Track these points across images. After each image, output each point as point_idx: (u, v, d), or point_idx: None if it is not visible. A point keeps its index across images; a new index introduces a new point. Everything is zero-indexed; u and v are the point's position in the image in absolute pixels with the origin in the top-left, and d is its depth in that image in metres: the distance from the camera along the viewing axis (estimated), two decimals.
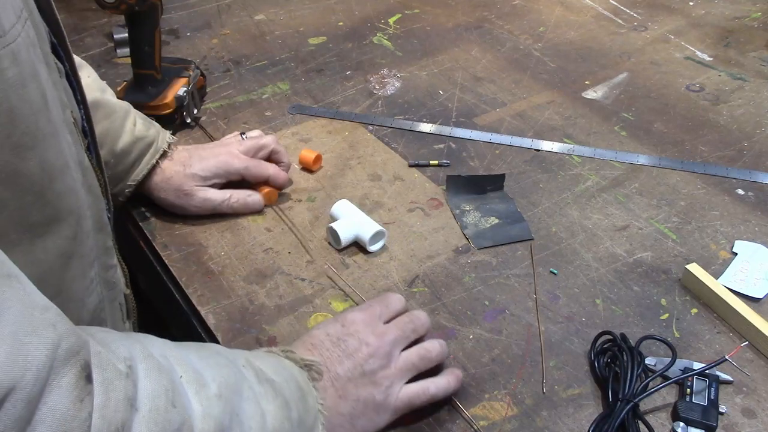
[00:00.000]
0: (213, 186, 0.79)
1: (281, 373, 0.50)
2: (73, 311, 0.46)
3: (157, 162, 0.78)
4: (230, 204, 0.79)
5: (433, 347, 0.59)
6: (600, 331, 0.65)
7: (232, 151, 0.81)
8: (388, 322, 0.60)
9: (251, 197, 0.80)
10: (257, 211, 0.81)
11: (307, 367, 0.53)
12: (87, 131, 0.52)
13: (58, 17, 0.49)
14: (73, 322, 0.47)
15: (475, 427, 0.59)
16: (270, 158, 0.84)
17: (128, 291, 0.56)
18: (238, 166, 0.79)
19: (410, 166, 0.89)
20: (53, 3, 0.49)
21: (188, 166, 0.78)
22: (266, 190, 0.81)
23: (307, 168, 0.88)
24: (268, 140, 0.83)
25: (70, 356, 0.33)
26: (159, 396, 0.37)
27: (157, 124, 0.81)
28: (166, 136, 0.80)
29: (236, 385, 0.44)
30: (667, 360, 0.62)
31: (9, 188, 0.38)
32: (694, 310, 0.70)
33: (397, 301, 0.62)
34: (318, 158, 0.89)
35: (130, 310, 0.56)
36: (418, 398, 0.57)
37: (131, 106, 0.79)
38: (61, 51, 0.48)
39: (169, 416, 0.37)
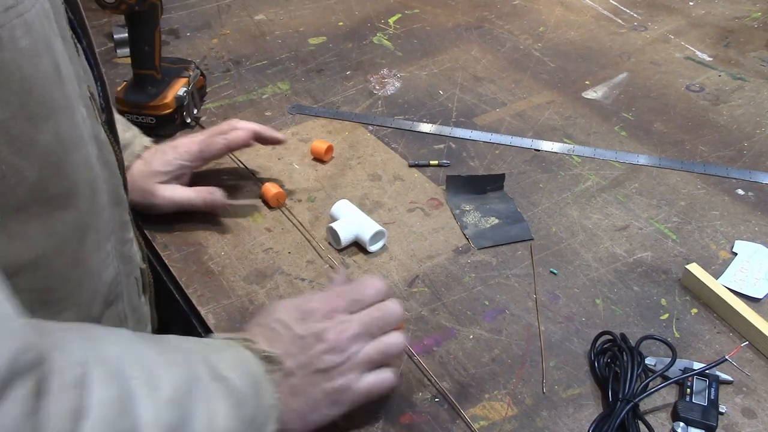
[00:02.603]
0: (178, 180, 0.78)
1: (238, 369, 0.49)
2: (89, 284, 0.47)
3: (130, 166, 0.76)
4: (193, 201, 0.77)
5: (394, 341, 0.58)
6: (600, 331, 0.65)
7: (191, 138, 0.80)
8: (357, 310, 0.57)
9: (213, 194, 0.77)
10: (221, 208, 0.79)
11: (266, 359, 0.52)
12: (104, 107, 0.53)
13: None
14: (90, 295, 0.47)
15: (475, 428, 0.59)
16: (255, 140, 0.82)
17: (144, 265, 0.56)
18: (195, 149, 0.78)
19: (410, 166, 0.89)
20: None
21: (150, 163, 0.77)
22: (273, 192, 0.81)
23: (319, 158, 0.89)
24: (232, 122, 0.81)
25: (27, 370, 0.33)
26: (110, 403, 0.37)
27: (135, 129, 0.80)
28: (143, 140, 0.79)
29: (189, 385, 0.43)
30: (667, 360, 0.62)
31: (27, 158, 0.39)
32: (694, 310, 0.70)
33: (372, 292, 0.59)
34: (330, 149, 0.89)
35: (146, 285, 0.56)
36: (375, 389, 0.56)
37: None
38: (78, 28, 0.49)
39: (118, 425, 0.37)
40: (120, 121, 0.77)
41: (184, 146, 0.78)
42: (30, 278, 0.42)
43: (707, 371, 0.62)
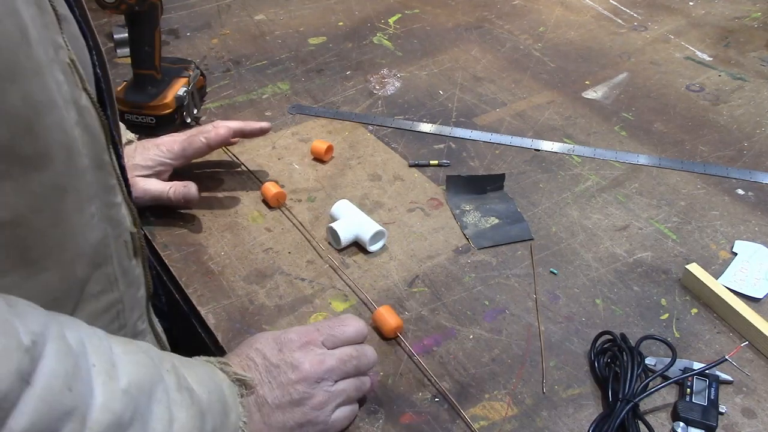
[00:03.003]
0: (159, 176, 0.80)
1: (207, 384, 0.50)
2: (72, 245, 0.47)
3: None
4: (168, 194, 0.78)
5: (369, 380, 0.60)
6: (600, 331, 0.65)
7: (173, 137, 0.82)
8: (333, 347, 0.58)
9: (187, 188, 0.79)
10: (194, 202, 0.80)
11: (238, 382, 0.54)
12: (99, 74, 0.53)
13: None
14: (73, 255, 0.48)
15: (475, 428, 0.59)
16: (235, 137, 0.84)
17: (135, 230, 0.57)
18: (176, 148, 0.80)
19: (410, 166, 0.89)
20: None
21: (132, 158, 0.79)
22: (273, 192, 0.81)
23: (319, 158, 0.89)
24: (215, 122, 0.83)
25: None
26: (57, 377, 0.37)
27: (120, 124, 0.80)
28: (126, 135, 0.81)
29: (150, 385, 0.44)
30: (667, 360, 0.62)
31: None
32: (694, 310, 0.70)
33: (352, 331, 0.59)
34: (330, 149, 0.90)
35: (137, 248, 0.57)
36: (348, 420, 0.58)
37: None
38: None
39: (62, 398, 0.37)
40: None
41: (166, 144, 0.81)
42: (8, 235, 0.42)
43: (707, 371, 0.62)
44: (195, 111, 0.96)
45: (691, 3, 1.33)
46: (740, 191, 0.86)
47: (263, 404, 0.54)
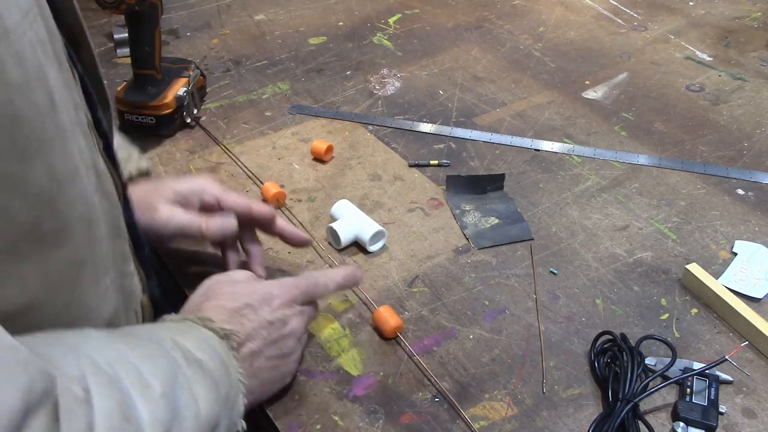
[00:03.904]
0: (183, 207, 0.68)
1: (206, 350, 0.49)
2: (85, 320, 0.44)
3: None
4: (201, 228, 0.66)
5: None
6: (600, 331, 0.65)
7: (208, 179, 0.71)
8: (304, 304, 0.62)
9: (227, 221, 0.67)
10: (232, 240, 0.70)
11: (226, 336, 0.53)
12: (106, 132, 0.51)
13: (77, 8, 0.47)
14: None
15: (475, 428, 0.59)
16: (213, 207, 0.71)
17: (145, 298, 0.55)
18: (214, 190, 0.69)
19: (410, 166, 0.89)
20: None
21: (159, 184, 0.69)
22: (273, 192, 0.81)
23: (319, 158, 0.89)
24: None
25: (42, 398, 0.32)
26: (113, 413, 0.36)
27: (131, 148, 0.72)
28: (139, 163, 0.71)
29: (173, 375, 0.43)
30: (667, 360, 0.62)
31: (18, 197, 0.37)
32: (694, 310, 0.70)
33: (334, 286, 0.63)
34: (330, 149, 0.90)
35: (146, 318, 0.55)
36: (306, 324, 0.62)
37: None
38: (76, 51, 0.47)
39: (124, 430, 0.37)
40: (120, 145, 0.70)
41: (204, 183, 0.70)
42: (21, 322, 0.38)
43: (707, 371, 0.62)
44: (195, 111, 0.96)
45: (691, 3, 1.33)
46: (740, 191, 0.86)
47: (257, 355, 0.56)
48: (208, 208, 0.69)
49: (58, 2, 0.45)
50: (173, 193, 0.67)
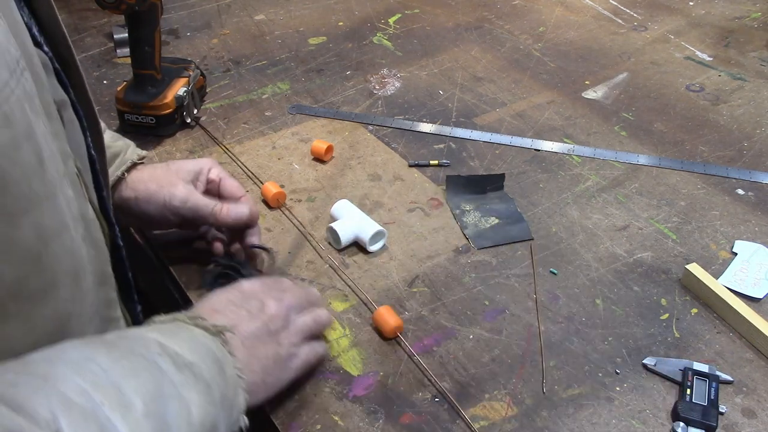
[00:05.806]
0: (195, 186, 0.72)
1: (197, 351, 0.48)
2: None
3: (123, 175, 0.70)
4: (214, 212, 0.69)
5: (323, 313, 0.63)
6: (600, 330, 0.65)
7: (211, 160, 0.75)
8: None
9: (238, 207, 0.70)
10: (243, 224, 0.72)
11: (218, 333, 0.52)
12: (99, 176, 0.50)
13: (62, 25, 0.46)
14: None
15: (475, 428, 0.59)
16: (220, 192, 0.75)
17: None
18: (217, 169, 0.74)
19: (410, 166, 0.89)
20: (65, 32, 0.46)
21: (174, 165, 0.72)
22: (273, 192, 0.81)
23: (319, 158, 0.89)
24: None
25: None
26: None
27: (127, 139, 0.74)
28: (136, 150, 0.73)
29: (158, 388, 0.41)
30: (668, 360, 0.62)
31: (4, 257, 0.36)
32: (694, 310, 0.70)
33: (289, 283, 0.63)
34: (330, 149, 0.90)
35: None
36: (313, 357, 0.61)
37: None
38: (65, 70, 0.47)
39: None
40: (109, 133, 0.73)
41: (208, 162, 0.75)
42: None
43: (707, 371, 0.62)
44: (195, 111, 0.96)
45: (691, 3, 1.33)
46: (740, 191, 0.86)
47: (246, 337, 0.55)
48: (211, 184, 0.74)
49: (45, 22, 0.45)
50: (186, 172, 0.72)
